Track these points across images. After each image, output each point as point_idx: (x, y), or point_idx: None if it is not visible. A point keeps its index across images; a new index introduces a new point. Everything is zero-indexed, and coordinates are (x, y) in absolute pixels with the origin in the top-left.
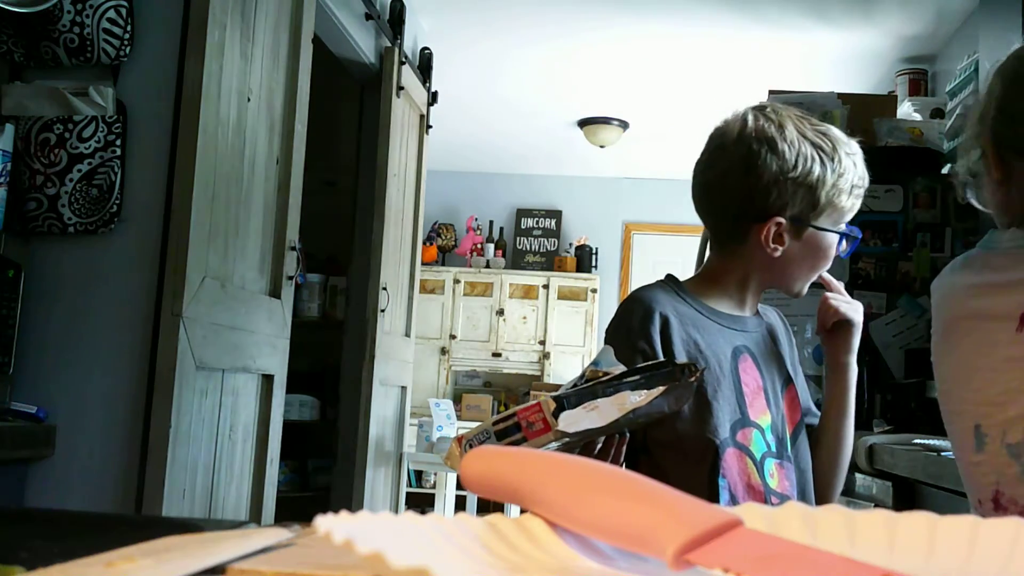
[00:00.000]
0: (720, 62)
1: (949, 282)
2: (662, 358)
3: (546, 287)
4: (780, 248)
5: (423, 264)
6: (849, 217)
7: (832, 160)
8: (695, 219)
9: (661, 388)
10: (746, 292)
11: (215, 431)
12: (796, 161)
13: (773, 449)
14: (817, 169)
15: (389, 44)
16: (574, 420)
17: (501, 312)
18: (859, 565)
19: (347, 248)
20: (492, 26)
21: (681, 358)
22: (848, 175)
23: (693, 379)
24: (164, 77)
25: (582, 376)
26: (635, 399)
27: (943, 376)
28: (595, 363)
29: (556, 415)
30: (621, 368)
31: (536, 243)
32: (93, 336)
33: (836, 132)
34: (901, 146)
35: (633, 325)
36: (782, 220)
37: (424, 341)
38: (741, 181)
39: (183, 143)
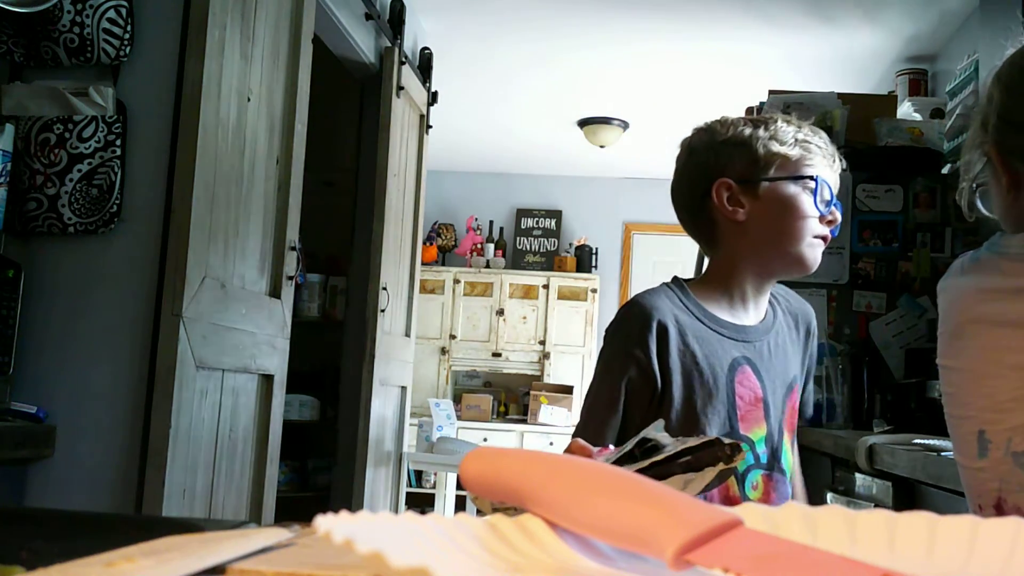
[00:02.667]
0: (720, 62)
1: (957, 284)
2: (657, 367)
3: (546, 287)
4: (740, 210)
5: (423, 264)
6: (809, 170)
7: (764, 123)
8: None
9: (712, 471)
10: (745, 285)
11: (215, 431)
12: (727, 130)
13: (763, 461)
14: (748, 130)
15: (389, 44)
16: None
17: (501, 312)
18: (859, 565)
19: (347, 248)
20: (492, 26)
21: (676, 370)
22: (785, 130)
23: (735, 463)
24: (164, 77)
25: (631, 450)
26: (691, 481)
27: (948, 380)
28: (645, 437)
29: None
30: (668, 439)
31: (536, 243)
32: (93, 336)
33: (780, 114)
34: (901, 146)
35: (631, 331)
36: (727, 180)
37: (424, 341)
38: (685, 167)
39: (183, 143)
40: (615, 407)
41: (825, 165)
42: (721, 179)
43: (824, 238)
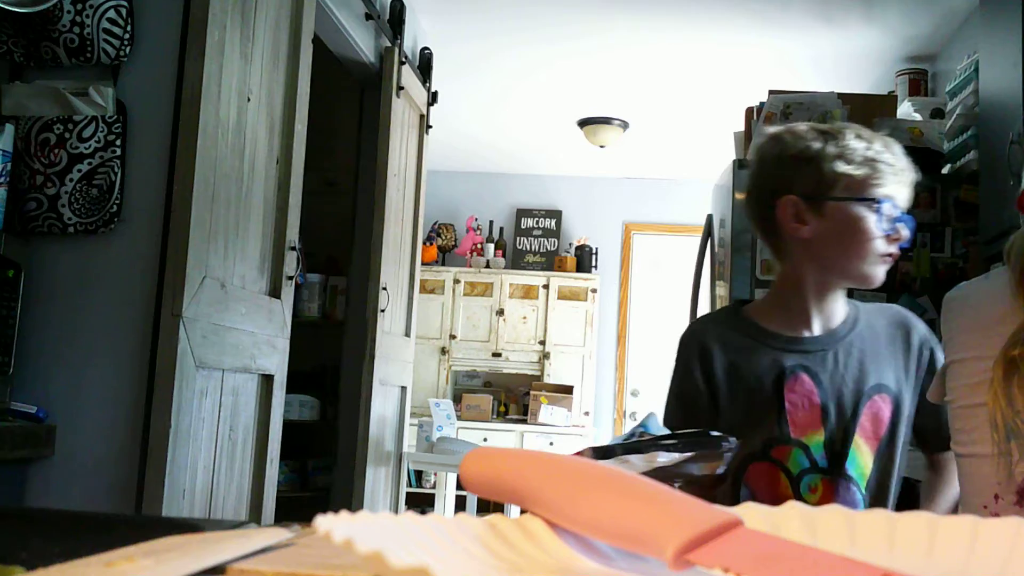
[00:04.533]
0: (720, 62)
1: (988, 285)
2: (701, 380)
3: (546, 287)
4: (805, 228)
5: (423, 264)
6: (878, 191)
7: (835, 137)
8: (695, 219)
9: (690, 453)
10: (806, 298)
11: (215, 431)
12: (796, 143)
13: (821, 465)
14: (817, 145)
15: (389, 44)
16: None
17: (501, 312)
18: (859, 565)
19: (347, 248)
20: (492, 26)
21: (722, 382)
22: (855, 148)
23: (724, 449)
24: (164, 77)
25: (631, 435)
26: (663, 459)
27: (974, 370)
28: (643, 426)
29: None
30: (665, 432)
31: (536, 243)
32: (93, 336)
33: (854, 126)
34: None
35: (684, 356)
36: (794, 197)
37: (424, 341)
38: (755, 178)
39: (183, 143)
40: (687, 404)
41: (895, 181)
42: (787, 196)
43: (891, 255)
